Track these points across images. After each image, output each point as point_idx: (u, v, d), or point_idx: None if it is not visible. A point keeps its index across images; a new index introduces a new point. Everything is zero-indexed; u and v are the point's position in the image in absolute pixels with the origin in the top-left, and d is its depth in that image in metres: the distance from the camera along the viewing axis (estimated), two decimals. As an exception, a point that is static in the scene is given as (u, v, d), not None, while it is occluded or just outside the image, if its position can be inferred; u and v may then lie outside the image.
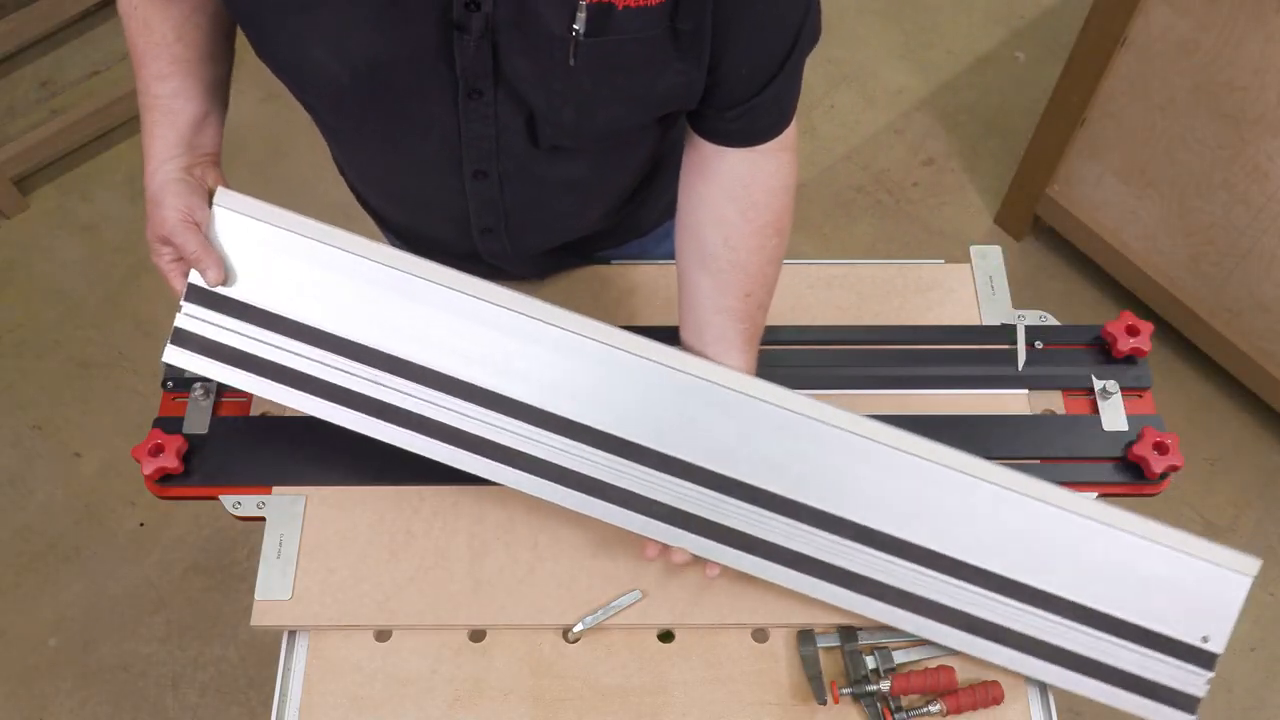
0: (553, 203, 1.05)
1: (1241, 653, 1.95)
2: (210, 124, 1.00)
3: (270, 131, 2.49)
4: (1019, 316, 1.19)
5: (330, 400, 0.98)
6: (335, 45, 0.85)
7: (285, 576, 1.04)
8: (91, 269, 2.34)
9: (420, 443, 0.98)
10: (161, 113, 0.97)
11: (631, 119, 0.93)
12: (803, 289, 1.22)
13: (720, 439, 0.98)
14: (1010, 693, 1.00)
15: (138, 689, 1.91)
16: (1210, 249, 1.97)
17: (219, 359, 0.99)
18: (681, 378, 0.98)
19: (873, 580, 0.99)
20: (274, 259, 0.98)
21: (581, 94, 0.87)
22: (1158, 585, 0.98)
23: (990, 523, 0.98)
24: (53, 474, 2.10)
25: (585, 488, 0.98)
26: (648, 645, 1.03)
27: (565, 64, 0.84)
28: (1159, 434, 1.09)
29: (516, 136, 0.93)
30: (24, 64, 2.59)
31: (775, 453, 0.98)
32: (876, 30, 2.71)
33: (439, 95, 0.88)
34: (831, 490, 0.98)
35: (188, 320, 0.99)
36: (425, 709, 1.00)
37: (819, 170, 2.49)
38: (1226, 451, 2.15)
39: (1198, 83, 1.78)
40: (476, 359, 0.98)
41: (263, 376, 0.98)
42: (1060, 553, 0.98)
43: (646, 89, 0.88)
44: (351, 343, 0.98)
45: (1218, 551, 0.98)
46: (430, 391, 0.98)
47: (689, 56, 0.87)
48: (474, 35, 0.82)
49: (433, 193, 1.03)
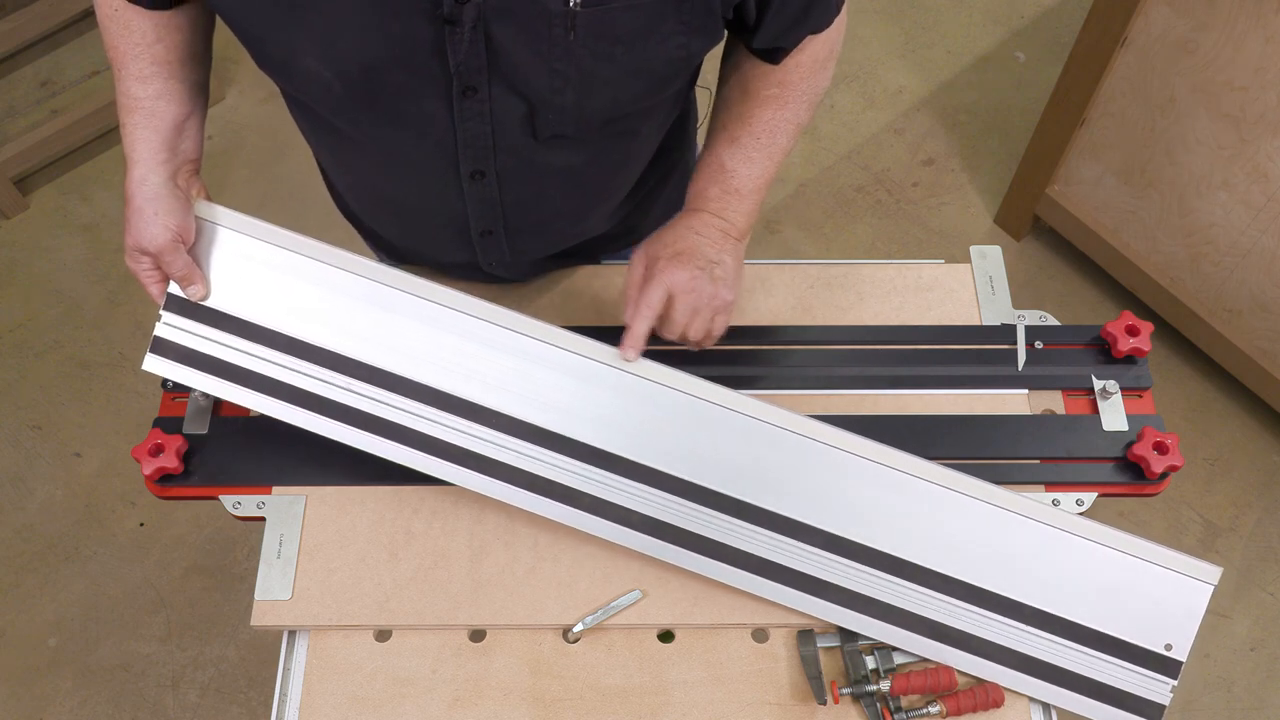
0: (553, 200, 1.05)
1: (1241, 653, 1.95)
2: (191, 127, 1.00)
3: (270, 131, 2.49)
4: (1019, 316, 1.19)
5: (308, 409, 1.01)
6: (325, 49, 0.85)
7: (285, 576, 1.04)
8: (91, 269, 2.34)
9: (390, 448, 1.01)
10: (144, 115, 0.97)
11: (632, 97, 0.93)
12: (803, 289, 1.22)
13: (701, 449, 1.01)
14: (1010, 694, 1.00)
15: (138, 689, 1.91)
16: (1210, 249, 1.97)
17: (197, 367, 1.02)
18: (659, 390, 1.01)
19: (836, 585, 1.01)
20: (252, 271, 1.01)
21: (581, 72, 0.86)
22: (1121, 593, 0.99)
23: (955, 530, 1.00)
24: (53, 474, 2.11)
25: (561, 497, 1.01)
26: (648, 645, 1.03)
27: (564, 40, 0.83)
28: (1159, 434, 1.09)
29: (514, 132, 0.93)
30: (24, 64, 2.59)
31: (747, 461, 1.00)
32: (876, 30, 2.71)
33: (433, 95, 0.88)
34: (801, 498, 1.00)
35: (167, 330, 1.02)
36: (425, 709, 1.00)
37: (819, 170, 2.49)
38: (1226, 451, 2.15)
39: (1198, 83, 1.78)
40: (448, 367, 1.00)
41: (240, 384, 1.01)
42: (1024, 560, 1.00)
43: (646, 62, 0.88)
44: (328, 352, 1.01)
45: (1180, 560, 0.99)
46: (402, 399, 1.00)
47: (691, 27, 0.87)
48: (466, 28, 0.82)
49: (430, 197, 1.02)
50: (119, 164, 2.45)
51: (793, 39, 0.98)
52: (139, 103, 0.97)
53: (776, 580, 1.01)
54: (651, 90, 0.93)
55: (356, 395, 1.00)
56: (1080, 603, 0.99)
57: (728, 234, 1.02)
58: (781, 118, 1.03)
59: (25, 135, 2.36)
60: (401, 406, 1.00)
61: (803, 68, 1.02)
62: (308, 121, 1.01)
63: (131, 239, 0.98)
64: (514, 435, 1.00)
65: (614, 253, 1.25)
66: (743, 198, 1.03)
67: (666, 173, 1.19)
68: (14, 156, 2.33)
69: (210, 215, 1.01)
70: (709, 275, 0.99)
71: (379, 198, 1.10)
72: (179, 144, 0.99)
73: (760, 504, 1.00)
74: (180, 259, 0.98)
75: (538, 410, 1.00)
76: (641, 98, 0.94)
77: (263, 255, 1.01)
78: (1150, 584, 1.00)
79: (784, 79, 1.02)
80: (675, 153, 1.17)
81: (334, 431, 1.01)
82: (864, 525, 1.00)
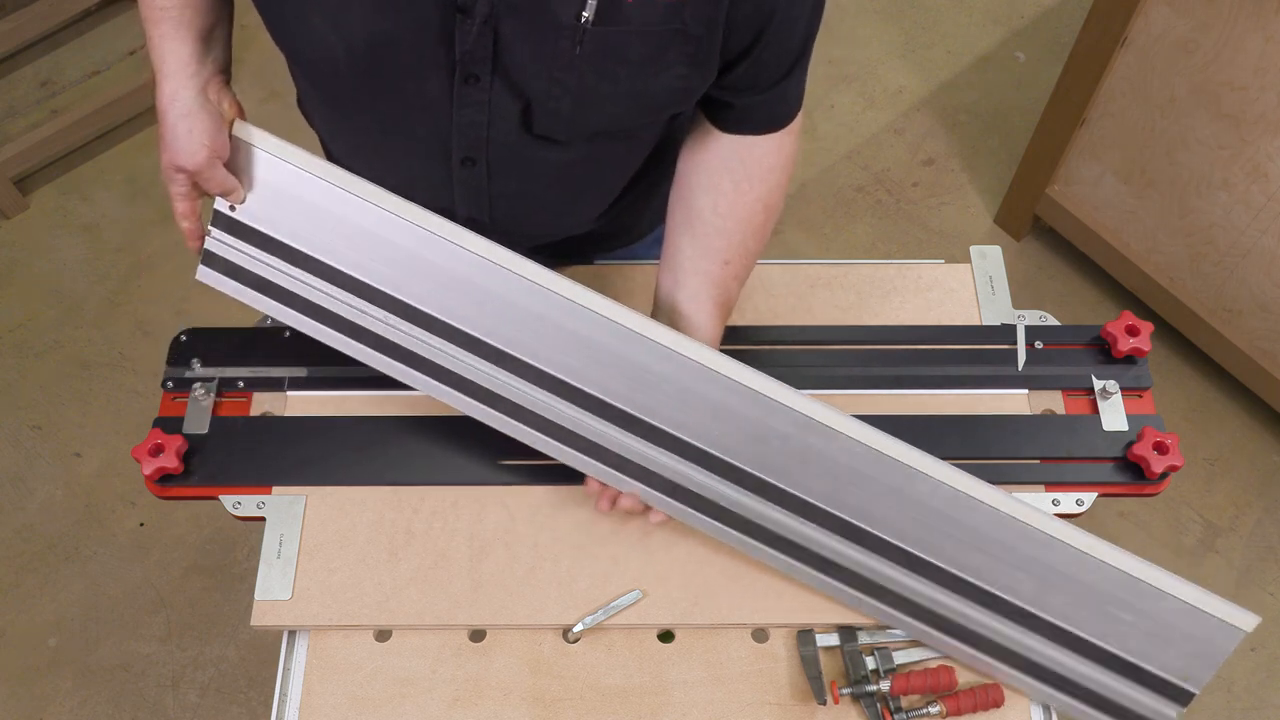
0: (541, 194, 1.05)
1: (1241, 653, 1.95)
2: (219, 36, 0.99)
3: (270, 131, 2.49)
4: (1019, 316, 1.19)
5: (341, 332, 1.02)
6: (335, 18, 0.85)
7: (285, 576, 1.04)
8: (91, 269, 2.34)
9: (414, 377, 1.01)
10: (172, 25, 0.95)
11: (628, 117, 0.93)
12: (803, 289, 1.22)
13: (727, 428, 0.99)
14: (1010, 695, 1.00)
15: (138, 689, 1.91)
16: (1210, 249, 1.97)
17: (243, 282, 1.03)
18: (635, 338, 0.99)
19: (850, 571, 0.99)
20: (287, 191, 1.00)
21: (582, 86, 0.87)
22: (1154, 626, 0.96)
23: (998, 547, 0.97)
24: (53, 474, 2.10)
25: (580, 446, 1.00)
26: (648, 645, 1.03)
27: (569, 53, 0.84)
28: (1159, 434, 1.09)
29: (509, 125, 0.93)
30: (24, 64, 2.59)
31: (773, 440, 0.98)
32: (876, 30, 2.71)
33: (434, 79, 0.88)
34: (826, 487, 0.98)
35: (215, 244, 1.03)
36: (425, 709, 1.00)
37: (819, 170, 2.49)
38: (1226, 451, 2.14)
39: (1198, 83, 1.78)
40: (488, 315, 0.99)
41: (277, 301, 1.03)
42: (1060, 579, 0.97)
43: (646, 87, 0.88)
44: (361, 283, 1.00)
45: (1219, 604, 0.96)
46: (429, 335, 1.00)
47: (694, 61, 0.87)
48: (477, 19, 0.82)
49: (419, 177, 1.02)
50: (119, 164, 2.47)
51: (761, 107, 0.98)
52: (166, 13, 0.95)
53: (792, 557, 1.00)
54: (646, 115, 0.94)
55: (386, 326, 1.00)
56: (1108, 627, 0.97)
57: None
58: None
59: (25, 135, 2.36)
60: (429, 342, 1.00)
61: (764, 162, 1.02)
62: (308, 87, 1.01)
63: (167, 157, 0.97)
64: (530, 382, 0.99)
65: (607, 253, 1.25)
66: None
67: (659, 179, 1.18)
68: (14, 156, 2.33)
69: (248, 136, 1.00)
70: None
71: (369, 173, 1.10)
72: (208, 54, 0.97)
73: (784, 486, 0.99)
74: (217, 174, 0.98)
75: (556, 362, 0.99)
76: (636, 118, 0.95)
77: (296, 179, 1.00)
78: (1184, 621, 0.96)
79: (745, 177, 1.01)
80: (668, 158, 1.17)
81: (362, 355, 1.02)
82: (888, 525, 0.98)
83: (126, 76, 2.53)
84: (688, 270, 1.03)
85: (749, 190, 1.01)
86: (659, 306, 1.05)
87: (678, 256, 1.04)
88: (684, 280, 1.03)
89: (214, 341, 1.16)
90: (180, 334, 1.16)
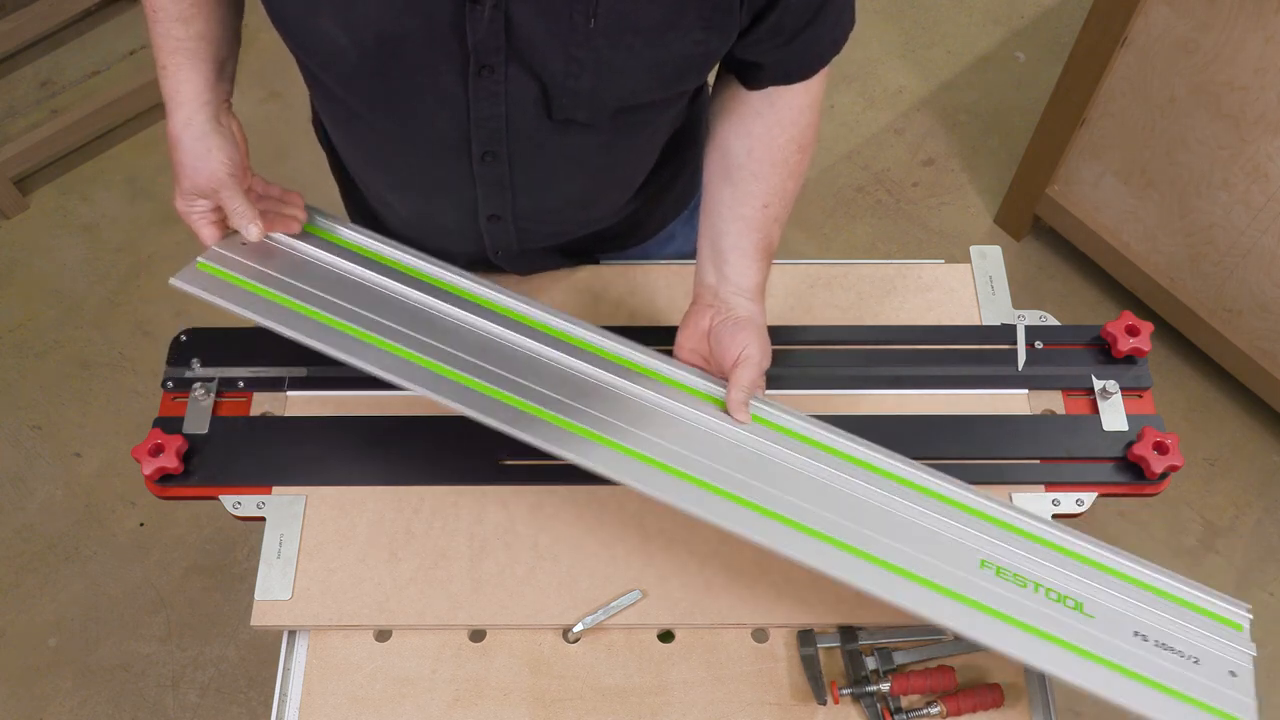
0: (563, 186, 1.05)
1: (1241, 653, 1.95)
2: (229, 68, 1.01)
3: (270, 131, 2.49)
4: (1019, 316, 1.19)
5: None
6: (343, 17, 0.85)
7: (285, 576, 1.04)
8: (91, 269, 2.34)
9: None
10: (186, 55, 0.96)
11: (647, 90, 0.93)
12: (803, 289, 1.22)
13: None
14: (1010, 695, 1.00)
15: (138, 689, 1.91)
16: (1210, 249, 1.97)
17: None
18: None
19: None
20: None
21: (599, 60, 0.86)
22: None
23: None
24: (53, 474, 2.11)
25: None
26: (648, 645, 1.03)
27: (584, 27, 0.83)
28: (1159, 434, 1.09)
29: (528, 114, 0.92)
30: (24, 64, 2.59)
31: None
32: (876, 30, 2.71)
33: (449, 71, 0.88)
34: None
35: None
36: (425, 709, 1.00)
37: (819, 170, 2.49)
38: (1226, 451, 2.15)
39: (1198, 83, 1.78)
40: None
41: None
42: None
43: (664, 55, 0.88)
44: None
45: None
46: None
47: (710, 25, 0.87)
48: (487, 6, 0.82)
49: (441, 176, 1.02)
50: (119, 164, 2.47)
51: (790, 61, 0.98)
52: (181, 43, 0.96)
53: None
54: (666, 84, 0.93)
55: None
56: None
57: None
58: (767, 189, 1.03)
59: (25, 135, 2.36)
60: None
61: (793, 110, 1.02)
62: (322, 94, 1.01)
63: (187, 181, 0.97)
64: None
65: (615, 252, 1.25)
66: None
67: (677, 170, 1.19)
68: (14, 156, 2.33)
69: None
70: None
71: (388, 179, 1.10)
72: (219, 84, 0.99)
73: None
74: (239, 196, 0.98)
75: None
76: (656, 90, 0.94)
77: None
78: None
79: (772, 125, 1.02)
80: (686, 150, 1.17)
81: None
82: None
83: (126, 76, 2.53)
84: (727, 218, 1.03)
85: (782, 133, 1.02)
86: (702, 257, 1.05)
87: (717, 204, 1.04)
88: (725, 228, 1.03)
89: (214, 341, 1.16)
90: (180, 334, 1.16)
